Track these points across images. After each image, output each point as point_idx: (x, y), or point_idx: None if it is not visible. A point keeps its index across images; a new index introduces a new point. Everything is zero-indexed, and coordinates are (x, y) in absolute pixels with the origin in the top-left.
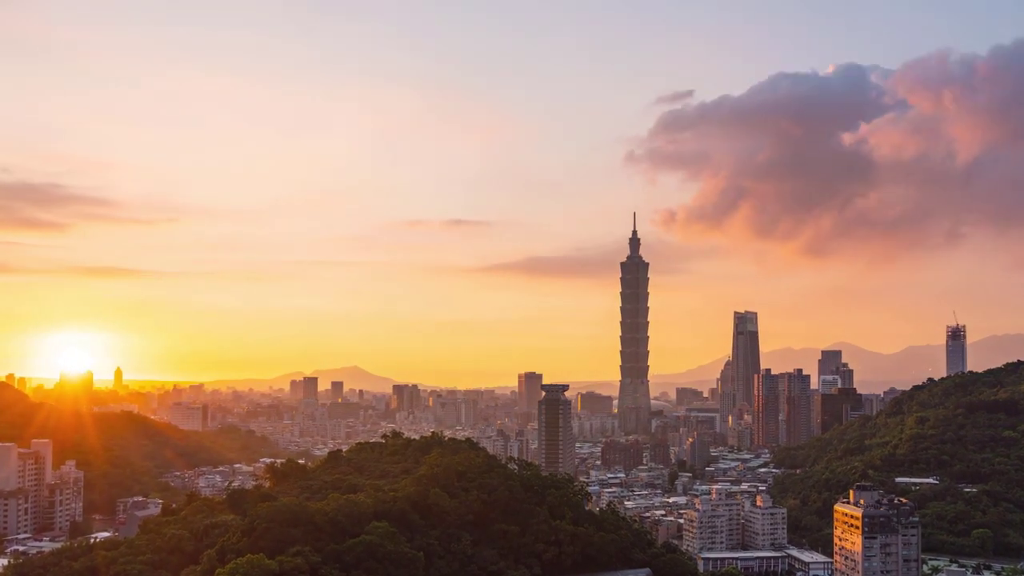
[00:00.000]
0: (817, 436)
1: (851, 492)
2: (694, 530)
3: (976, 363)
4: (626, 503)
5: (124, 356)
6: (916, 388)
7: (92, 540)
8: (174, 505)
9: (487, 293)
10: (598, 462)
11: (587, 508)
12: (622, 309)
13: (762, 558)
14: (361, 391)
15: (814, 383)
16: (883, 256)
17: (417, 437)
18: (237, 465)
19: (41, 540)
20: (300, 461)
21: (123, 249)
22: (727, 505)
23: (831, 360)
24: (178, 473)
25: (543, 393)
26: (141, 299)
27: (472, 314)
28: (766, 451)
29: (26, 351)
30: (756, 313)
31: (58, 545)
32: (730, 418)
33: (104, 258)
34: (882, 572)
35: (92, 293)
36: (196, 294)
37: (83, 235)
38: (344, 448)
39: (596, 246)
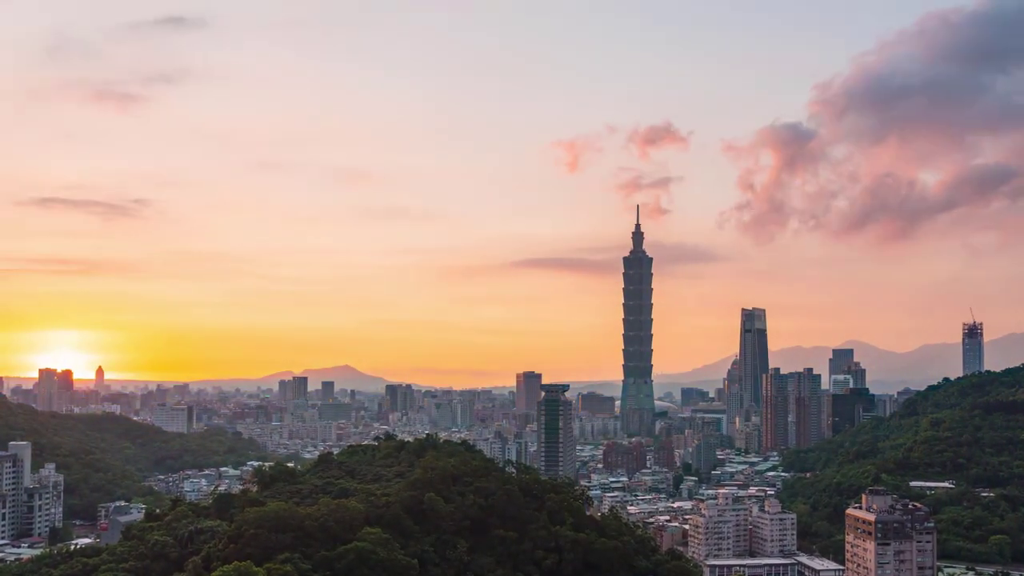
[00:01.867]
0: (828, 438)
1: (863, 497)
2: (700, 536)
3: (994, 362)
4: (629, 508)
5: (105, 354)
6: (931, 388)
7: (72, 547)
8: (158, 510)
9: (483, 289)
10: (600, 465)
11: (588, 513)
12: (625, 306)
13: (770, 565)
14: (353, 391)
15: (825, 383)
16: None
17: (411, 439)
18: (223, 468)
19: (19, 547)
20: (289, 464)
21: (103, 244)
22: (734, 510)
23: (843, 359)
24: (162, 477)
25: (542, 393)
26: (123, 296)
27: (468, 311)
28: (775, 454)
29: (3, 349)
30: (764, 310)
31: (37, 552)
32: (737, 419)
33: (84, 253)
34: None
35: (72, 289)
36: (180, 291)
37: (62, 230)
38: (335, 451)
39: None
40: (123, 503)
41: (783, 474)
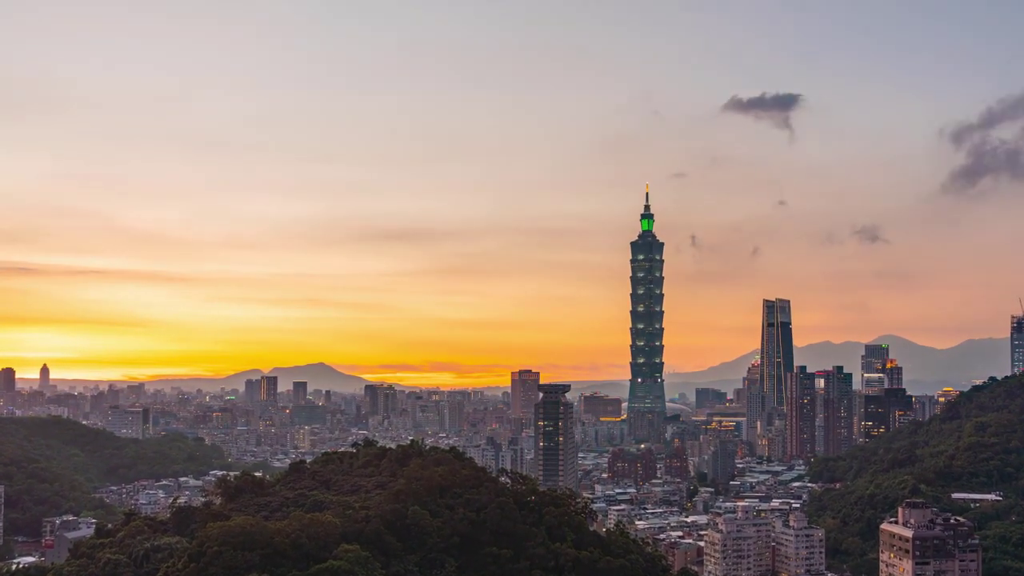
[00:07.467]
0: (860, 444)
1: (900, 510)
2: (716, 554)
3: None
4: (637, 523)
5: (51, 351)
6: (975, 388)
7: (15, 566)
8: (110, 525)
9: (475, 278)
10: (604, 475)
11: (592, 528)
12: (632, 296)
13: None
14: (328, 392)
15: (857, 383)
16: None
17: (393, 446)
18: (183, 478)
19: None
20: (257, 474)
21: (47, 239)
22: (755, 525)
23: (876, 356)
24: (114, 487)
25: (540, 394)
26: (70, 289)
27: (458, 303)
28: (800, 462)
29: None
30: (789, 301)
31: None
32: (758, 424)
33: (25, 249)
34: None
35: (13, 284)
36: (133, 281)
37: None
38: (308, 459)
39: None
40: (71, 517)
41: (810, 484)
